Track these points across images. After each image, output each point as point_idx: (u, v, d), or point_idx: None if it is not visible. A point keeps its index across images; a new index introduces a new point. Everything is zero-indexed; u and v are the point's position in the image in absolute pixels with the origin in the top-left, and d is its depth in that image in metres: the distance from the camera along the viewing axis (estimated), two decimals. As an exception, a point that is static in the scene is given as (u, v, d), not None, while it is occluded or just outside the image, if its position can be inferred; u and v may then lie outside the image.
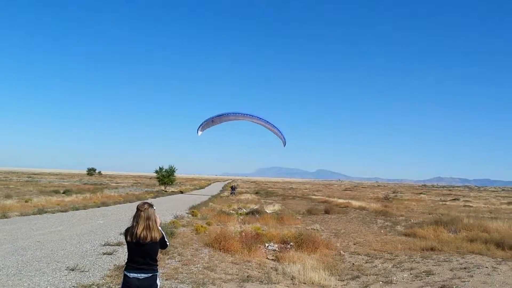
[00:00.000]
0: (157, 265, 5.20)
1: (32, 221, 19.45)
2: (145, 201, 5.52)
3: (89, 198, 36.93)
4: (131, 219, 5.14)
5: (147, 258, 5.04)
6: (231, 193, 57.08)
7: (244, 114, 45.38)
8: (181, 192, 60.64)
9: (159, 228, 5.22)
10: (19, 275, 9.35)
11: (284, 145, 47.97)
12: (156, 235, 5.07)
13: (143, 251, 5.01)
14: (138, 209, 5.13)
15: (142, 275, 4.98)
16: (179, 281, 9.55)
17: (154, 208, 5.25)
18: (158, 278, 5.14)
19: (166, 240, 5.29)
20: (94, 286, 8.63)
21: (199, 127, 47.58)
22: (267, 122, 46.01)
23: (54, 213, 23.66)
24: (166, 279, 9.48)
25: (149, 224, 5.04)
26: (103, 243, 14.03)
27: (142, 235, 4.97)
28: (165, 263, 11.18)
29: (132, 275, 4.97)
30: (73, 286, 8.59)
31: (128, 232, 5.05)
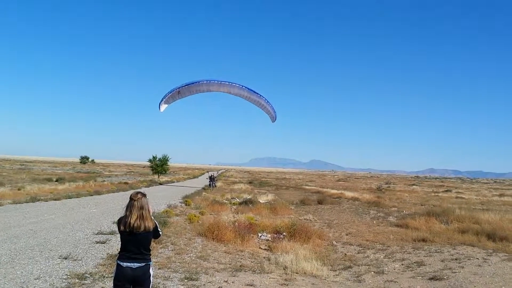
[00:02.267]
0: (150, 255, 5.21)
1: (24, 209, 19.38)
2: (138, 190, 5.51)
3: (82, 187, 36.83)
4: (124, 209, 5.13)
5: (141, 248, 5.04)
6: (209, 185, 47.11)
7: (220, 82, 34.87)
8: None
9: (152, 217, 5.22)
10: (12, 263, 9.33)
11: (273, 121, 38.19)
12: (150, 225, 5.07)
13: (136, 241, 5.01)
14: (131, 199, 5.12)
15: (135, 265, 4.98)
16: (172, 270, 9.58)
17: (147, 197, 5.25)
18: (151, 267, 5.15)
19: (159, 229, 5.30)
20: (87, 275, 8.63)
21: (161, 101, 37.42)
22: (252, 91, 34.96)
23: (47, 201, 23.59)
24: (159, 268, 9.49)
25: (142, 213, 5.03)
26: (96, 231, 14.01)
27: (135, 225, 4.97)
28: (158, 252, 11.19)
29: (125, 264, 4.97)
30: (66, 275, 8.57)
31: (121, 222, 5.04)
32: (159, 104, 37.39)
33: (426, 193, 52.52)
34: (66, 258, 9.99)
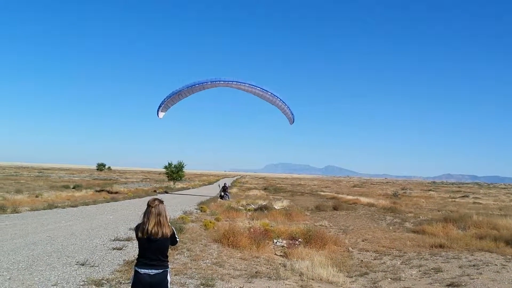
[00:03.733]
0: (168, 261, 5.23)
1: (42, 216, 19.62)
2: (155, 197, 5.55)
3: (98, 193, 37.20)
4: (142, 215, 5.17)
5: (158, 254, 5.07)
6: (221, 196, 38.58)
7: (227, 82, 32.16)
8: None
9: (170, 224, 5.25)
10: (30, 269, 9.46)
11: (291, 122, 35.93)
12: (167, 231, 5.10)
13: (154, 247, 5.05)
14: (149, 205, 5.15)
15: (153, 271, 5.01)
16: (188, 276, 9.61)
17: (164, 204, 5.29)
18: (168, 274, 5.18)
19: (176, 236, 5.32)
20: (104, 281, 8.70)
21: (160, 106, 34.84)
22: (265, 90, 32.09)
23: (64, 208, 23.87)
24: (175, 275, 9.53)
25: (160, 220, 5.06)
26: (113, 238, 14.14)
27: (153, 231, 5.00)
28: (174, 259, 11.24)
29: (143, 271, 5.01)
30: (83, 281, 8.66)
31: (139, 229, 5.08)
32: (157, 111, 35.49)
33: (442, 198, 51.99)
34: (83, 265, 10.09)
